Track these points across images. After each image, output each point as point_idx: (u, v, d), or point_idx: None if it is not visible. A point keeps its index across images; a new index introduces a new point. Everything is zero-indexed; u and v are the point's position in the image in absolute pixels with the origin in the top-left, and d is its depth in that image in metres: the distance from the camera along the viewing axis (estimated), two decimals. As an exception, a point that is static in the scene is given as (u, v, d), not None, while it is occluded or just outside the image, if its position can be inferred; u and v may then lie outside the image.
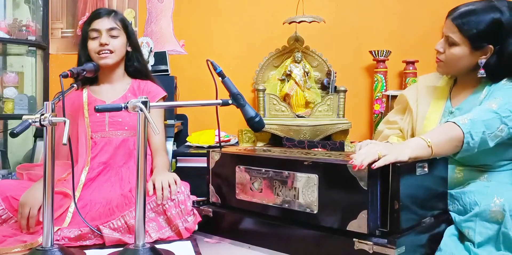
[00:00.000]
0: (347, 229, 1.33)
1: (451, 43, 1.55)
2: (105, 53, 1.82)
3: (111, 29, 1.84)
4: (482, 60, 1.53)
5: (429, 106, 1.69)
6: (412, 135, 1.69)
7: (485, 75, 1.54)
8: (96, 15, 1.87)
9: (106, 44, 1.82)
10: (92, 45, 1.84)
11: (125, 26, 1.89)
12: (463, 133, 1.38)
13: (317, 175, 1.40)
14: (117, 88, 1.92)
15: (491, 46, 1.51)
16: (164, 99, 1.96)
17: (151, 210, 1.59)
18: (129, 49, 1.92)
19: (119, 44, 1.85)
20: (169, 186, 1.60)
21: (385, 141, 1.72)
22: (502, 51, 1.51)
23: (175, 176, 1.66)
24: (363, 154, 1.30)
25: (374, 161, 1.28)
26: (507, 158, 1.56)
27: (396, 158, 1.29)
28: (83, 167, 1.79)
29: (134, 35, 1.95)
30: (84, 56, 1.88)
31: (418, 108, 1.71)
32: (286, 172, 1.48)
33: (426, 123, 1.65)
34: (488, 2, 1.54)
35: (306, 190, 1.43)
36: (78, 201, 1.66)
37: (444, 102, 1.67)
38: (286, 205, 1.48)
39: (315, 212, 1.41)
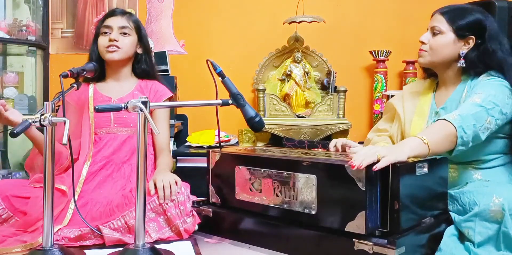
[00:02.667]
0: (345, 230, 1.33)
1: (436, 33, 1.63)
2: (112, 47, 1.84)
3: (123, 27, 1.87)
4: (464, 51, 1.60)
5: (415, 109, 1.73)
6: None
7: (464, 65, 1.60)
8: (111, 13, 1.91)
9: (116, 40, 1.84)
10: (102, 40, 1.87)
11: (138, 28, 1.92)
12: (455, 128, 1.41)
13: (315, 176, 1.40)
14: (124, 86, 1.93)
15: (473, 37, 1.58)
16: (170, 99, 1.98)
17: (151, 210, 1.60)
18: (139, 51, 1.94)
19: (128, 43, 1.87)
20: (170, 186, 1.60)
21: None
22: (482, 47, 1.58)
23: (176, 177, 1.66)
24: (363, 155, 1.30)
25: (374, 163, 1.28)
26: (495, 151, 1.59)
27: (395, 158, 1.30)
28: (84, 161, 1.79)
29: (146, 38, 1.98)
30: (95, 53, 1.90)
31: (405, 113, 1.75)
32: (286, 173, 1.48)
33: (413, 126, 1.68)
34: (477, 6, 1.65)
35: (305, 191, 1.42)
36: (79, 199, 1.66)
37: (429, 104, 1.71)
38: (286, 206, 1.48)
39: (314, 212, 1.41)
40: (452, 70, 1.65)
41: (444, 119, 1.44)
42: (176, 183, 1.62)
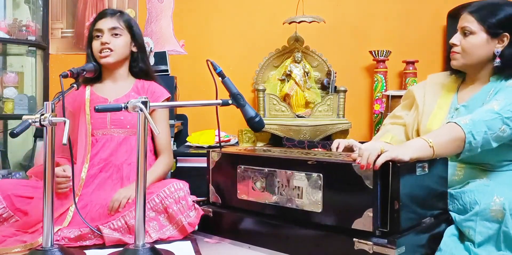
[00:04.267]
0: (352, 227, 1.33)
1: (467, 33, 1.56)
2: (105, 52, 1.82)
3: (113, 28, 1.85)
4: (499, 49, 1.54)
5: (436, 103, 1.69)
6: (417, 131, 1.69)
7: (499, 64, 1.54)
8: (101, 15, 1.89)
9: (107, 43, 1.82)
10: (95, 45, 1.85)
11: (130, 26, 1.89)
12: (465, 133, 1.39)
13: (321, 174, 1.40)
14: (120, 87, 1.92)
15: (507, 34, 1.53)
16: (168, 100, 1.97)
17: (151, 209, 1.60)
18: (134, 49, 1.92)
19: (120, 43, 1.85)
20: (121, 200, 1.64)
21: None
22: None
23: (132, 193, 1.62)
24: (366, 151, 1.30)
25: (378, 156, 1.28)
26: (508, 158, 1.55)
27: (397, 155, 1.29)
28: (82, 164, 1.79)
29: (140, 36, 1.95)
30: (89, 57, 1.89)
31: (424, 104, 1.71)
32: (289, 172, 1.48)
33: (431, 119, 1.65)
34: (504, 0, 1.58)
35: (310, 189, 1.43)
36: (79, 201, 1.66)
37: (451, 99, 1.67)
38: (289, 205, 1.48)
39: (319, 211, 1.41)
40: (486, 70, 1.59)
41: (455, 122, 1.42)
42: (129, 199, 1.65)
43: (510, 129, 1.44)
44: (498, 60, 1.54)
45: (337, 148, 1.70)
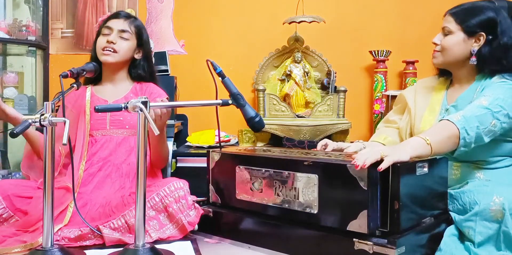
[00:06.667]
0: (347, 229, 1.33)
1: (447, 33, 1.63)
2: (108, 50, 1.84)
3: (123, 31, 1.87)
4: (475, 48, 1.60)
5: (427, 105, 1.73)
6: (411, 134, 1.72)
7: (476, 63, 1.60)
8: (115, 15, 1.91)
9: (113, 43, 1.84)
10: (100, 41, 1.87)
11: (139, 33, 1.91)
12: (458, 129, 1.41)
13: (317, 175, 1.40)
14: (119, 88, 1.93)
15: (483, 33, 1.58)
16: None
17: (151, 208, 1.60)
18: (137, 56, 1.93)
19: (125, 47, 1.87)
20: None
21: (363, 147, 1.72)
22: (495, 43, 1.58)
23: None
24: (366, 154, 1.30)
25: (377, 161, 1.29)
26: (501, 154, 1.58)
27: (399, 157, 1.30)
28: (80, 161, 1.79)
29: (148, 44, 1.97)
30: (94, 52, 1.90)
31: (416, 108, 1.75)
32: (286, 172, 1.48)
33: (424, 122, 1.68)
34: (487, 2, 1.63)
35: (306, 190, 1.43)
36: (78, 200, 1.66)
37: (441, 101, 1.71)
38: (286, 205, 1.48)
39: (315, 212, 1.41)
40: (466, 68, 1.65)
41: (448, 119, 1.44)
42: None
43: (500, 123, 1.47)
44: (473, 58, 1.60)
45: (324, 147, 1.71)
